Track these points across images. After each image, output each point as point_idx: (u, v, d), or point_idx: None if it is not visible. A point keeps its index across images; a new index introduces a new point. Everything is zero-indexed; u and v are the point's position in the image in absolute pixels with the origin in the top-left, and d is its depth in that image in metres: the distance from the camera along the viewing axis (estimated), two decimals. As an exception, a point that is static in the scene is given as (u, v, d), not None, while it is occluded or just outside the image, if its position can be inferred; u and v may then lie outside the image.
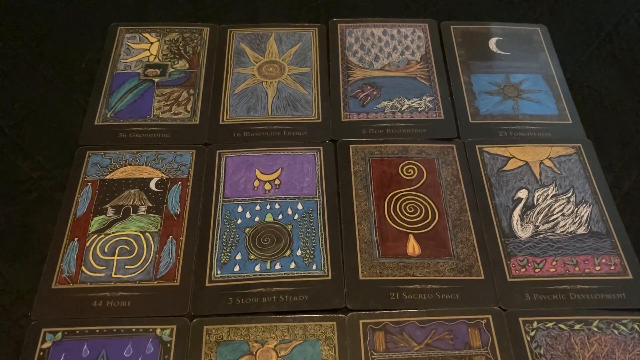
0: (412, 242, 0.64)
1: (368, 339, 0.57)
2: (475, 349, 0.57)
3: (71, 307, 0.58)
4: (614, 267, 0.62)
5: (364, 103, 0.75)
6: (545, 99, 0.77)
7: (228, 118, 0.73)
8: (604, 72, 0.81)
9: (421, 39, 0.83)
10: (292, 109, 0.74)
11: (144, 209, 0.65)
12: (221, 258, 0.62)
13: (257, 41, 0.82)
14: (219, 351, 0.56)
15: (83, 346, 0.56)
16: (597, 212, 0.66)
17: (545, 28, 0.85)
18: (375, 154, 0.71)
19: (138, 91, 0.75)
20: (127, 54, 0.79)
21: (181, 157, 0.69)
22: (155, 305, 0.59)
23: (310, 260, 0.62)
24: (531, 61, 0.80)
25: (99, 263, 0.61)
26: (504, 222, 0.65)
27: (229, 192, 0.67)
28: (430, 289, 0.60)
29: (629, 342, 0.57)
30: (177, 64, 0.78)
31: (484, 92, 0.77)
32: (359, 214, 0.66)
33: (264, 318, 0.58)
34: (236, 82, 0.77)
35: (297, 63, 0.79)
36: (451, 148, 0.72)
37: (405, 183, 0.68)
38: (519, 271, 0.62)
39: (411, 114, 0.74)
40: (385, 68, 0.79)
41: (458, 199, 0.67)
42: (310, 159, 0.70)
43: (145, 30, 0.82)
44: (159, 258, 0.62)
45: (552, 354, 0.57)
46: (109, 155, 0.69)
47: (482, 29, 0.84)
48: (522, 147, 0.72)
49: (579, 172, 0.70)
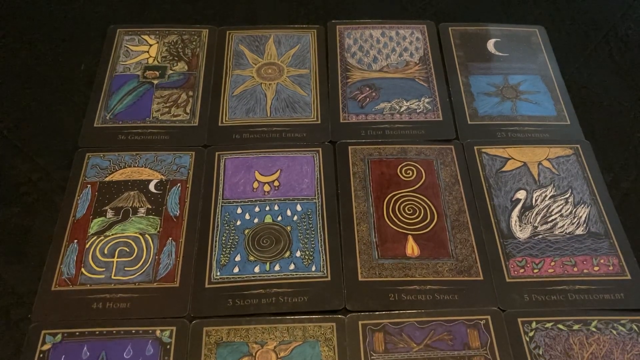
0: (411, 243, 0.64)
1: (367, 339, 0.57)
2: (474, 349, 0.57)
3: (71, 308, 0.58)
4: (612, 267, 0.63)
5: (362, 104, 0.76)
6: (543, 100, 0.77)
7: (227, 120, 0.74)
8: (602, 73, 0.81)
9: (419, 40, 0.83)
10: (291, 111, 0.75)
11: (144, 211, 0.65)
12: (220, 259, 0.62)
13: (256, 43, 0.82)
14: (219, 352, 0.56)
15: (83, 348, 0.56)
16: (596, 212, 0.67)
17: (544, 29, 0.85)
18: (374, 155, 0.71)
19: (137, 93, 0.75)
20: (126, 56, 0.79)
21: (180, 159, 0.70)
22: (155, 306, 0.59)
23: (309, 262, 0.62)
24: (529, 62, 0.81)
25: (99, 265, 0.61)
26: (503, 223, 0.66)
27: (228, 194, 0.67)
28: (429, 289, 0.61)
29: (627, 342, 0.57)
30: (176, 66, 0.78)
31: (482, 93, 0.77)
32: (358, 215, 0.66)
33: (263, 319, 0.58)
34: (235, 84, 0.77)
35: (296, 65, 0.80)
36: (450, 149, 0.72)
37: (404, 184, 0.68)
38: (517, 272, 0.62)
39: (410, 116, 0.75)
40: (383, 69, 0.80)
41: (457, 200, 0.67)
42: (309, 160, 0.70)
43: (144, 32, 0.82)
44: (158, 260, 0.62)
45: (551, 354, 0.57)
46: (108, 157, 0.69)
47: (481, 31, 0.84)
48: (520, 148, 0.72)
49: (578, 172, 0.70)
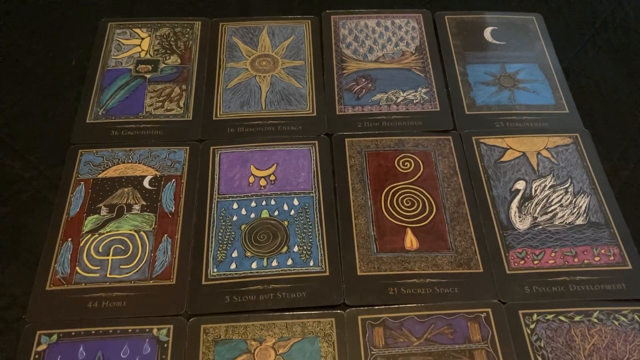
0: (409, 236, 0.63)
1: (367, 334, 0.57)
2: (475, 342, 0.56)
3: (66, 308, 0.58)
4: (613, 257, 0.62)
5: (358, 96, 0.75)
6: (541, 89, 0.76)
7: (221, 113, 0.73)
8: (600, 60, 0.81)
9: (415, 29, 0.82)
10: (286, 103, 0.74)
11: (138, 208, 0.64)
12: (217, 256, 0.61)
13: (249, 35, 0.81)
14: (217, 350, 0.55)
15: (79, 348, 0.55)
16: (596, 202, 0.66)
17: (541, 17, 0.84)
18: (371, 148, 0.70)
19: (130, 88, 0.74)
20: (118, 50, 0.78)
21: (175, 154, 0.69)
22: (151, 304, 0.58)
23: (307, 257, 0.61)
24: (527, 50, 0.80)
25: (94, 263, 0.60)
26: (502, 214, 0.65)
27: (224, 189, 0.66)
28: (429, 283, 0.60)
29: (629, 333, 0.57)
30: (169, 60, 0.77)
31: (479, 82, 0.76)
32: (356, 209, 0.65)
33: (261, 316, 0.58)
34: (229, 76, 0.76)
35: (291, 56, 0.78)
36: (447, 140, 0.71)
37: (402, 176, 0.68)
38: (517, 263, 0.61)
39: (407, 106, 0.74)
40: (379, 60, 0.79)
41: (455, 192, 0.67)
42: (306, 153, 0.69)
43: (135, 25, 0.81)
44: (154, 257, 0.61)
45: (553, 346, 0.56)
46: (101, 153, 0.68)
47: (477, 19, 0.83)
48: (519, 137, 0.71)
49: (577, 162, 0.69)
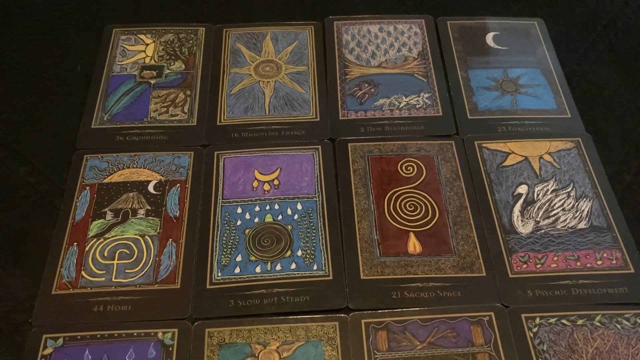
0: (412, 240, 0.63)
1: (370, 338, 0.57)
2: (478, 346, 0.56)
3: (72, 312, 0.58)
4: (615, 261, 0.62)
5: (361, 101, 0.75)
6: (543, 93, 0.76)
7: (225, 119, 0.73)
8: (602, 64, 0.81)
9: (418, 35, 0.82)
10: (289, 109, 0.74)
11: (143, 212, 0.65)
12: (221, 260, 0.62)
13: (253, 40, 0.81)
14: (222, 354, 0.56)
15: (85, 351, 0.55)
16: (598, 206, 0.66)
17: (542, 22, 0.84)
18: (374, 152, 0.70)
19: (134, 93, 0.75)
20: (123, 56, 0.79)
21: (179, 159, 0.69)
22: (156, 308, 0.58)
23: (310, 261, 0.62)
24: (529, 55, 0.80)
25: (99, 267, 0.61)
26: (505, 218, 0.65)
27: (228, 194, 0.67)
28: (432, 287, 0.60)
29: (632, 337, 0.57)
30: (173, 65, 0.78)
31: (482, 87, 0.77)
32: (359, 213, 0.65)
33: (265, 319, 0.58)
34: (233, 82, 0.77)
35: (294, 62, 0.79)
36: (450, 144, 0.71)
37: (405, 181, 0.68)
38: (520, 267, 0.62)
39: (409, 111, 0.74)
40: (382, 65, 0.79)
41: (458, 196, 0.67)
42: (309, 158, 0.70)
43: (140, 31, 0.82)
44: (159, 261, 0.61)
45: (555, 349, 0.56)
46: (106, 158, 0.69)
47: (479, 24, 0.84)
48: (521, 142, 0.71)
49: (579, 166, 0.69)
